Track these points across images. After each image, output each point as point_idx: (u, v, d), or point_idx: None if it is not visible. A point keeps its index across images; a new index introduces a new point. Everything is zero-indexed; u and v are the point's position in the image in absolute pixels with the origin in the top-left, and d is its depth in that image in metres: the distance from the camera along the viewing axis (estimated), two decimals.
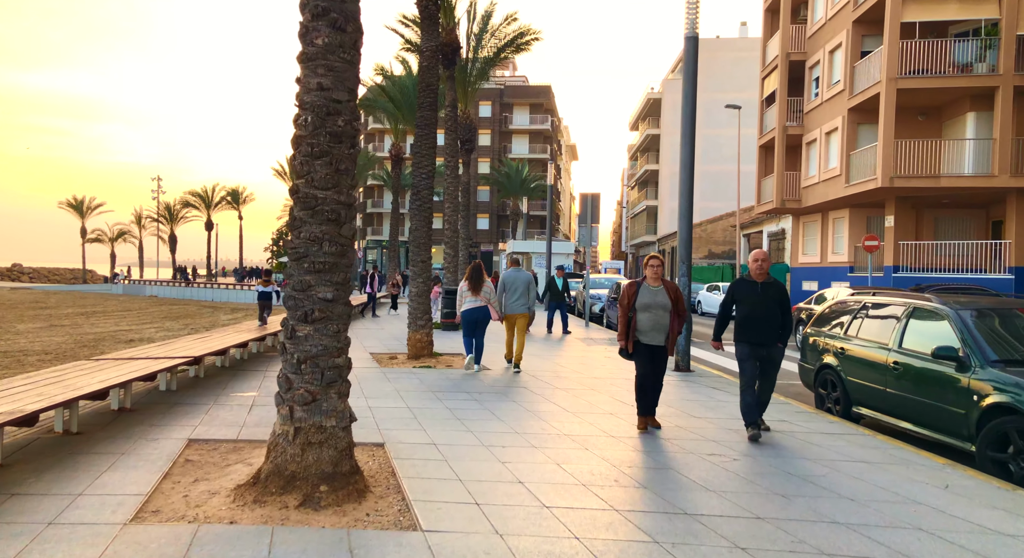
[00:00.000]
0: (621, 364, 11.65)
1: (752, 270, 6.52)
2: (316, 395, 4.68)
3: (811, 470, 5.37)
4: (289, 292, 4.78)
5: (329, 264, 4.75)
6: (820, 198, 25.96)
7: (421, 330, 11.66)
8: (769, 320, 6.33)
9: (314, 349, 4.69)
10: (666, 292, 6.57)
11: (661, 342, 6.60)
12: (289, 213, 4.91)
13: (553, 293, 17.12)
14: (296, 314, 4.72)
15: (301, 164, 4.78)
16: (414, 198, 11.79)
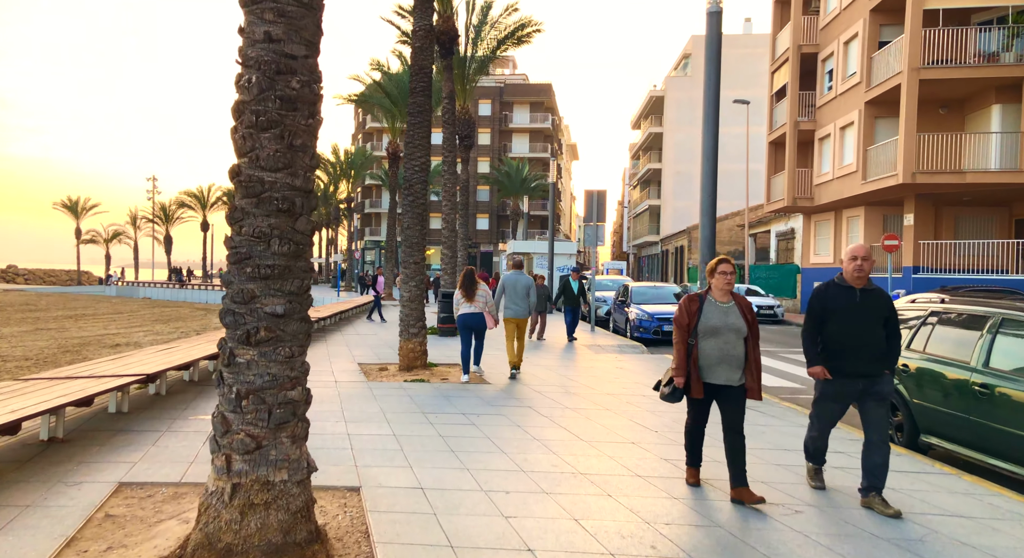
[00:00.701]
0: (634, 377, 10.54)
1: (848, 272, 4.78)
2: (261, 440, 3.57)
3: (903, 530, 4.25)
4: (227, 305, 3.67)
5: (279, 268, 3.64)
6: (834, 196, 24.85)
7: (414, 339, 10.56)
8: (871, 342, 4.65)
9: (259, 380, 3.58)
10: (740, 311, 4.87)
11: (733, 380, 4.81)
12: (229, 203, 3.80)
13: (568, 297, 15.96)
14: (236, 334, 3.61)
15: (244, 138, 3.67)
16: (406, 193, 10.69)
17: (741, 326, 4.80)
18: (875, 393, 4.72)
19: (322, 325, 18.79)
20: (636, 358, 13.00)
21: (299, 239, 3.73)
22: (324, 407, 7.71)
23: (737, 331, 4.79)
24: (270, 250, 3.62)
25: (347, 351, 13.17)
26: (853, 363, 4.69)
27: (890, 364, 4.76)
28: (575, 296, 15.88)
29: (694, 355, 4.84)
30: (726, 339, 4.77)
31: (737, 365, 4.80)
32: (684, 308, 4.95)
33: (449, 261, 18.66)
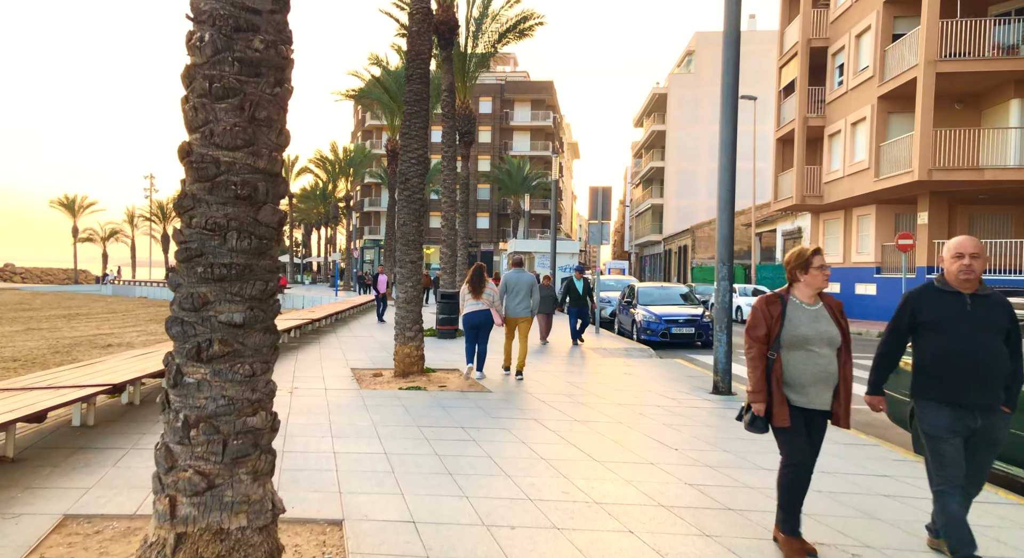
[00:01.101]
0: (645, 384, 9.88)
1: (952, 273, 3.67)
2: (214, 479, 2.91)
3: None
4: (175, 312, 3.02)
5: (238, 268, 2.98)
6: (844, 194, 24.19)
7: (410, 343, 9.90)
8: (988, 362, 3.57)
9: (212, 404, 2.93)
10: (831, 315, 3.92)
11: (826, 403, 3.84)
12: (180, 189, 3.14)
13: (573, 298, 15.18)
14: (184, 348, 2.95)
15: (195, 110, 3.02)
16: (402, 188, 10.03)
17: (835, 335, 3.83)
18: (986, 434, 3.64)
19: (317, 326, 18.14)
20: (645, 363, 12.34)
21: (262, 232, 3.07)
22: (311, 419, 7.06)
23: (830, 341, 3.81)
24: (226, 246, 2.97)
25: (341, 355, 12.51)
26: (963, 389, 3.57)
27: (1011, 396, 3.66)
28: (581, 296, 15.11)
29: (776, 372, 3.81)
30: (818, 352, 3.78)
31: (830, 384, 3.83)
32: (762, 313, 3.89)
33: (449, 260, 18.03)
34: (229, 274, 2.95)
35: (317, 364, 11.18)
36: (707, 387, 9.47)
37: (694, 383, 9.96)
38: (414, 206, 9.95)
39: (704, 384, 9.81)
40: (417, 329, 10.00)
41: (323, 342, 14.66)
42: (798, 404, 3.84)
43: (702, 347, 16.05)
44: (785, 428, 3.85)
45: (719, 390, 8.92)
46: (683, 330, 15.74)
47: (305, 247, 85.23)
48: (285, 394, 8.42)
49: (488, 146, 66.26)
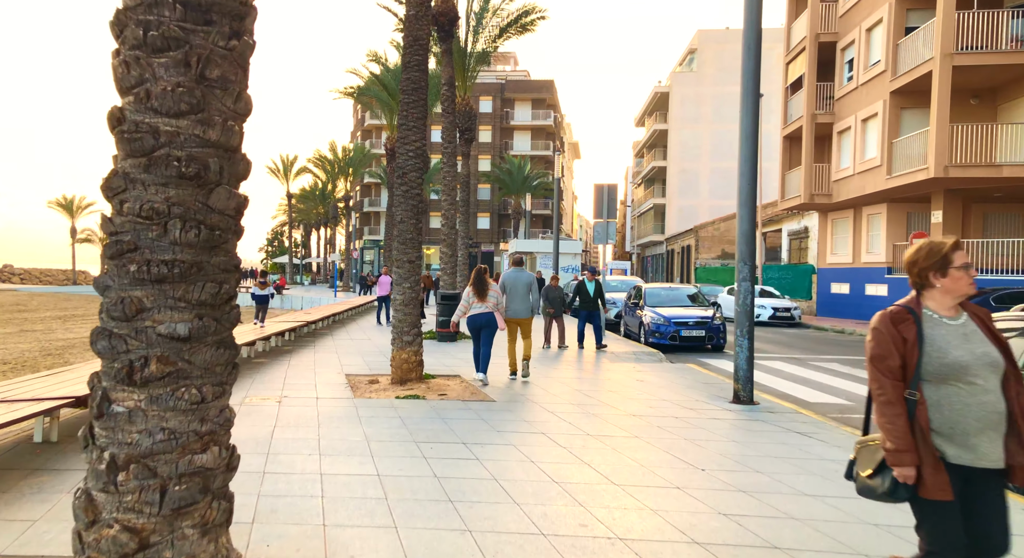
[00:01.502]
0: (659, 392, 9.26)
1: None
2: (148, 535, 2.29)
3: None
4: (103, 322, 2.39)
5: (183, 266, 2.36)
6: (855, 192, 23.57)
7: (408, 348, 9.27)
8: None
9: (147, 440, 2.31)
10: (983, 330, 2.85)
11: (999, 460, 2.70)
12: (114, 165, 2.52)
13: (583, 300, 14.35)
14: (113, 368, 2.33)
15: (127, 65, 2.39)
16: (399, 182, 9.40)
17: (997, 358, 2.75)
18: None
19: (313, 329, 17.52)
20: (656, 368, 11.71)
21: (215, 221, 2.44)
22: (298, 434, 6.43)
23: (994, 366, 2.73)
24: (167, 237, 2.35)
25: (336, 359, 11.88)
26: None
27: None
28: (592, 299, 14.36)
29: (921, 419, 2.72)
30: (982, 384, 2.69)
31: (1003, 428, 2.72)
32: (890, 335, 2.81)
33: (449, 260, 17.41)
34: (170, 274, 2.33)
35: (310, 369, 10.55)
36: (726, 395, 8.83)
37: (711, 391, 9.33)
38: (412, 202, 9.32)
39: (722, 392, 9.17)
40: (416, 333, 9.37)
41: (318, 346, 14.03)
42: (959, 462, 2.70)
43: (712, 350, 15.42)
44: (938, 502, 2.69)
45: (740, 399, 8.29)
46: (693, 333, 15.10)
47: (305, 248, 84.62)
48: (273, 404, 7.80)
49: (488, 146, 65.65)
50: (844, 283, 26.24)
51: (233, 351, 2.51)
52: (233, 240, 2.54)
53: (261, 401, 7.98)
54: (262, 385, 9.08)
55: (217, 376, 2.45)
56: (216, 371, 2.45)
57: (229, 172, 2.50)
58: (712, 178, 56.41)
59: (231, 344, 2.52)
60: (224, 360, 2.47)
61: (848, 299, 25.90)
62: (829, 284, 27.42)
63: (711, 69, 56.90)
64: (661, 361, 12.70)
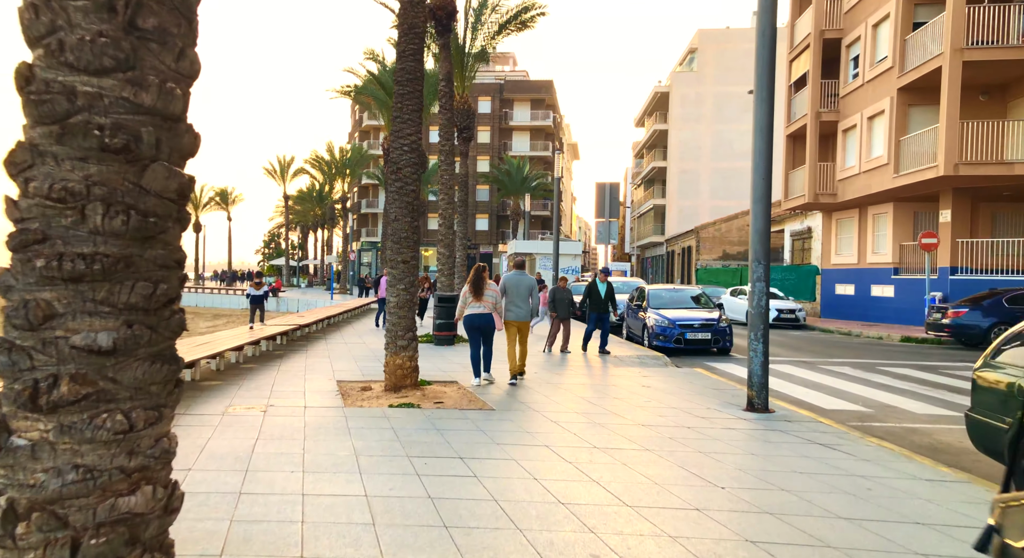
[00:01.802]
0: (667, 398, 8.78)
1: None
2: None
3: None
4: (7, 332, 1.91)
5: (107, 261, 1.88)
6: (861, 191, 23.11)
7: (403, 353, 8.79)
8: None
9: (55, 480, 1.83)
10: None
11: None
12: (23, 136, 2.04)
13: (594, 301, 13.77)
14: (14, 389, 1.85)
15: (35, 9, 1.91)
16: (393, 179, 8.92)
17: None
18: None
19: (307, 332, 17.04)
20: (662, 373, 11.24)
21: (149, 206, 1.97)
22: (281, 447, 5.95)
23: None
24: (86, 225, 1.88)
25: (328, 364, 11.40)
26: None
27: None
28: (603, 301, 13.78)
29: None
30: None
31: None
32: None
33: (446, 262, 16.93)
34: (89, 270, 1.85)
35: (300, 376, 10.07)
36: (739, 402, 8.36)
37: (722, 398, 8.85)
38: (406, 199, 8.84)
39: (734, 399, 8.70)
40: (410, 337, 8.89)
41: (311, 350, 13.55)
42: None
43: (718, 354, 14.95)
44: None
45: (754, 407, 7.81)
46: (698, 336, 14.63)
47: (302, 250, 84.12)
48: (257, 413, 7.32)
49: (487, 146, 65.20)
50: (849, 284, 25.79)
51: (174, 366, 2.04)
52: (175, 229, 2.06)
53: (245, 410, 7.50)
54: (248, 392, 8.60)
55: (152, 397, 1.98)
56: (151, 391, 1.97)
57: (169, 146, 2.02)
58: (713, 178, 55.99)
59: (171, 357, 2.04)
60: (162, 377, 1.99)
61: (853, 300, 25.44)
62: (833, 285, 26.96)
63: (711, 69, 56.50)
64: (667, 365, 12.23)
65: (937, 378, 11.57)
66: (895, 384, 10.89)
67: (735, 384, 10.13)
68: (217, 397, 8.26)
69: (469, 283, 9.28)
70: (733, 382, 10.40)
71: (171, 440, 2.05)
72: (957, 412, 8.53)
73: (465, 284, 9.39)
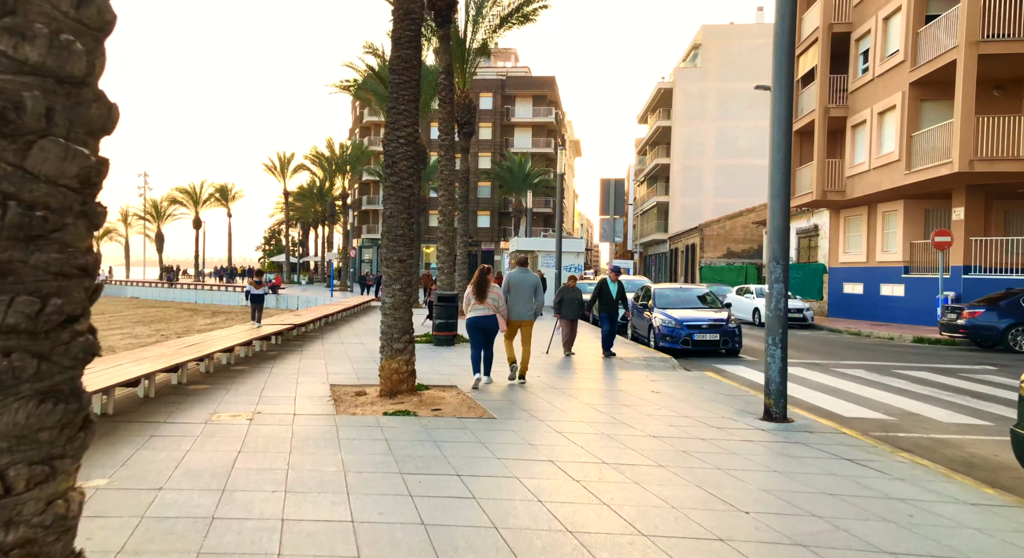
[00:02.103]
0: (678, 406, 8.30)
1: None
2: None
3: None
4: None
5: None
6: (871, 188, 22.60)
7: (399, 356, 8.33)
8: None
9: None
10: None
11: None
12: None
13: (604, 302, 13.14)
14: None
15: None
16: (388, 173, 8.45)
17: None
18: None
19: (304, 331, 16.58)
20: (671, 377, 10.77)
21: (37, 195, 1.49)
22: (265, 461, 5.49)
23: None
24: None
25: (322, 366, 10.95)
26: None
27: None
28: (614, 300, 13.21)
29: None
30: None
31: None
32: None
33: (446, 259, 16.44)
34: None
35: (292, 379, 9.61)
36: (754, 411, 7.89)
37: (736, 404, 8.38)
38: (402, 194, 8.37)
39: (748, 406, 8.23)
40: (407, 340, 8.43)
41: (306, 351, 13.09)
42: None
43: (727, 355, 14.48)
44: None
45: (772, 416, 7.34)
46: (706, 337, 14.15)
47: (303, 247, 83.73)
48: (243, 422, 6.86)
49: (489, 143, 64.69)
50: (857, 283, 25.30)
51: (74, 405, 1.56)
52: (77, 227, 1.58)
53: (230, 419, 7.04)
54: (236, 398, 8.14)
55: (41, 448, 1.50)
56: (39, 440, 1.50)
57: (67, 117, 1.55)
58: (717, 176, 55.46)
59: (70, 393, 1.56)
60: (55, 420, 1.52)
61: (862, 300, 24.95)
62: (841, 284, 26.47)
63: (716, 65, 55.91)
64: (675, 368, 11.76)
65: (958, 382, 11.09)
66: (915, 389, 10.41)
67: (748, 389, 9.66)
68: (203, 403, 7.81)
69: (473, 285, 9.10)
70: (746, 387, 9.93)
71: (71, 501, 1.58)
72: (985, 421, 8.06)
73: (468, 286, 9.21)
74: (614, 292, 13.18)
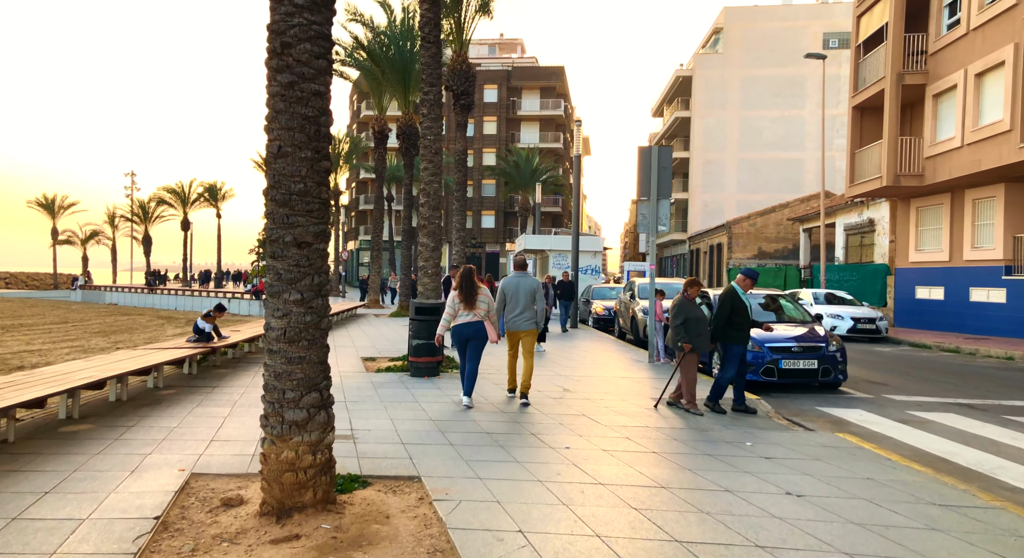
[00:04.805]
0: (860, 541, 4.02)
1: None
2: None
3: None
4: None
5: None
6: (964, 169, 18.26)
7: (295, 436, 4.11)
8: None
9: None
10: None
11: None
12: None
13: (741, 323, 8.04)
14: None
15: None
16: (274, 67, 4.24)
17: None
18: None
19: (244, 352, 12.37)
20: (794, 448, 6.49)
21: None
22: None
23: None
24: None
25: (216, 422, 6.73)
26: None
27: None
28: (751, 322, 8.23)
29: None
30: None
31: None
32: None
33: (431, 256, 12.12)
34: None
35: (139, 454, 5.40)
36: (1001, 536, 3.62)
37: (972, 529, 4.11)
38: (303, 110, 4.17)
39: (992, 531, 3.95)
40: (313, 402, 4.21)
41: (224, 385, 8.91)
42: None
43: (823, 388, 10.23)
44: None
45: None
46: (799, 364, 9.85)
47: None
48: None
49: (493, 138, 60.63)
50: (937, 286, 20.94)
51: None
52: None
53: None
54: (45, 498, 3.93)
55: None
56: None
57: None
58: (740, 170, 51.12)
59: None
60: None
61: (942, 307, 20.60)
62: (913, 288, 22.12)
63: (738, 50, 51.61)
64: (792, 430, 7.48)
65: None
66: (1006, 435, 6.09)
67: (947, 480, 5.37)
68: None
69: (457, 289, 7.98)
70: (922, 466, 5.65)
71: None
72: None
73: (452, 290, 8.10)
74: (751, 308, 8.33)
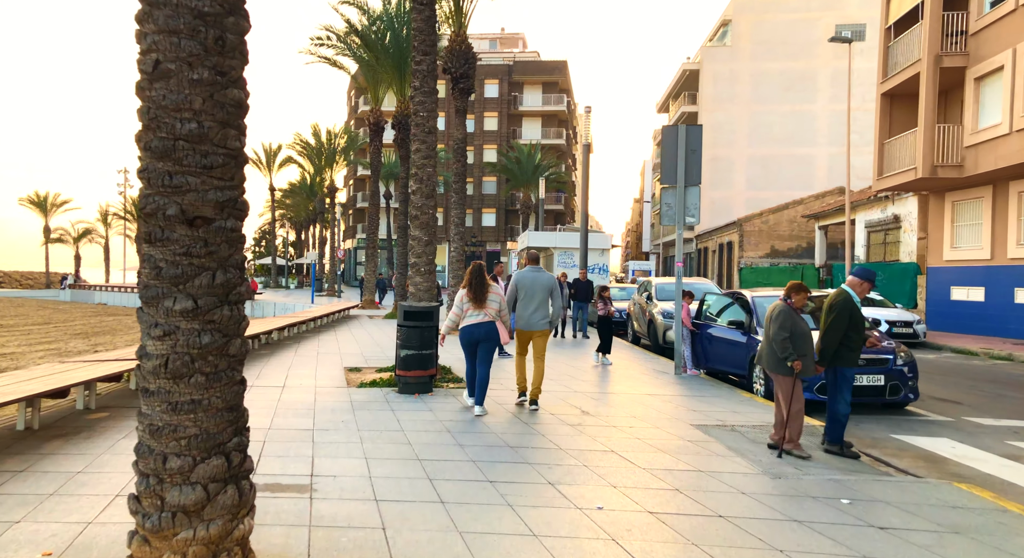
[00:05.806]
0: None
1: None
2: None
3: None
4: None
5: None
6: (1012, 158, 16.63)
7: (185, 528, 2.49)
8: None
9: None
10: None
11: None
12: None
13: (857, 338, 6.17)
14: None
15: None
16: None
17: None
18: None
19: None
20: (877, 498, 4.88)
21: None
22: None
23: None
24: None
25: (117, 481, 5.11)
26: None
27: None
28: (862, 331, 6.37)
29: None
30: None
31: None
32: None
33: (424, 251, 10.40)
34: None
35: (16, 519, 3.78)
36: None
37: None
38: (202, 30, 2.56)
39: None
40: (214, 475, 2.60)
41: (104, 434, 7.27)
42: None
43: (890, 407, 8.62)
44: None
45: None
46: (862, 380, 8.23)
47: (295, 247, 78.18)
48: None
49: (494, 134, 59.07)
50: (976, 287, 19.31)
51: None
52: None
53: None
54: None
55: None
56: None
57: None
58: (749, 167, 49.44)
59: None
60: None
61: (981, 309, 18.98)
62: (947, 288, 20.49)
63: (748, 42, 49.96)
64: (888, 477, 5.86)
65: None
66: None
67: None
68: None
69: (467, 287, 7.47)
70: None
71: None
72: None
73: (460, 288, 7.61)
74: (860, 318, 6.44)
